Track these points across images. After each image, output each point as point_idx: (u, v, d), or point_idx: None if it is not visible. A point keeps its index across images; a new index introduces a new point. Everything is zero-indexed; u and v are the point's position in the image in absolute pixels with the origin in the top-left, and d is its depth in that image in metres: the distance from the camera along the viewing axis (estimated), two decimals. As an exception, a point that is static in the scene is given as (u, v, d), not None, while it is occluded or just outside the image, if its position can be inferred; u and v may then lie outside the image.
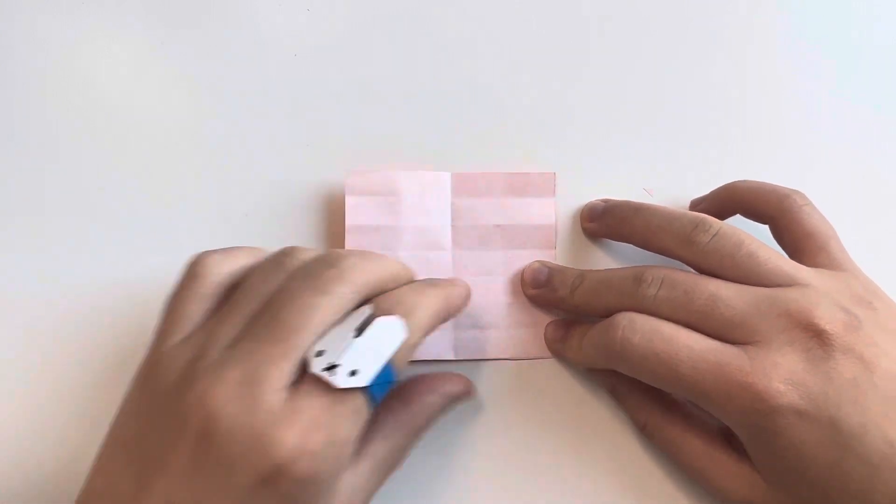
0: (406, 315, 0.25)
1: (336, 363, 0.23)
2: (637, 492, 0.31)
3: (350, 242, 0.32)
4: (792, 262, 0.28)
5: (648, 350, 0.27)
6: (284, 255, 0.26)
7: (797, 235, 0.29)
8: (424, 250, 0.33)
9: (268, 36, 0.35)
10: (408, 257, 0.32)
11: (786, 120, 0.35)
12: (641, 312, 0.28)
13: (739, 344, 0.26)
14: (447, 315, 0.27)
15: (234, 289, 0.26)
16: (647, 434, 0.31)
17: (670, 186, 0.34)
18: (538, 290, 0.32)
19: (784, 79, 0.35)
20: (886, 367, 0.26)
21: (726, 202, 0.32)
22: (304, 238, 0.33)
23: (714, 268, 0.28)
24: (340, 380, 0.23)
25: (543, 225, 0.33)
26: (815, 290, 0.27)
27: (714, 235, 0.28)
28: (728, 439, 0.29)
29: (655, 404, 0.30)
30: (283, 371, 0.23)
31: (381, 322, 0.24)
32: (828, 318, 0.26)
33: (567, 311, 0.32)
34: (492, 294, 0.33)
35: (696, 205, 0.33)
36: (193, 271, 0.26)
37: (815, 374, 0.25)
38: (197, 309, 0.26)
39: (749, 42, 0.36)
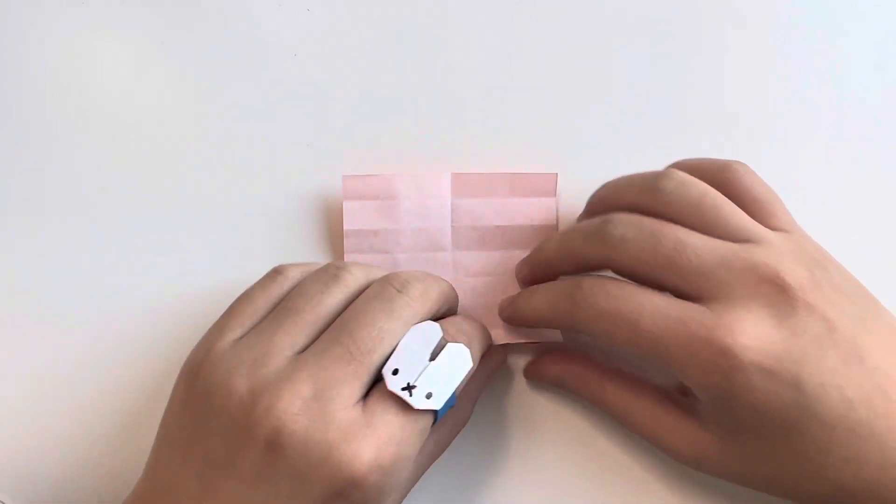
0: (470, 343, 0.26)
1: (413, 384, 0.24)
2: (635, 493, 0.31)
3: (348, 247, 0.32)
4: (754, 221, 0.27)
5: (611, 306, 0.26)
6: (341, 269, 0.27)
7: (744, 203, 0.28)
8: (424, 252, 0.33)
9: (268, 36, 0.35)
10: (407, 259, 0.32)
11: (788, 120, 0.35)
12: (608, 256, 0.27)
13: (703, 300, 0.25)
14: (486, 348, 0.29)
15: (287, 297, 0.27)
16: (595, 403, 0.30)
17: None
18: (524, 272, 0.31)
19: (787, 79, 0.35)
20: (844, 327, 0.25)
21: None
22: (304, 238, 0.33)
23: (678, 215, 0.27)
24: (418, 401, 0.24)
25: (544, 226, 0.33)
26: (778, 249, 0.26)
27: (679, 183, 0.27)
28: (674, 399, 0.28)
29: (599, 376, 0.29)
30: (354, 389, 0.24)
31: (452, 349, 0.25)
32: (793, 274, 0.25)
33: (543, 273, 0.31)
34: (492, 295, 0.33)
35: None
36: (273, 274, 0.28)
37: (781, 331, 0.25)
38: (265, 309, 0.26)
39: (751, 42, 0.35)
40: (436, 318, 0.27)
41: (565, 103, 0.34)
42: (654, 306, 0.26)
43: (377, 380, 0.25)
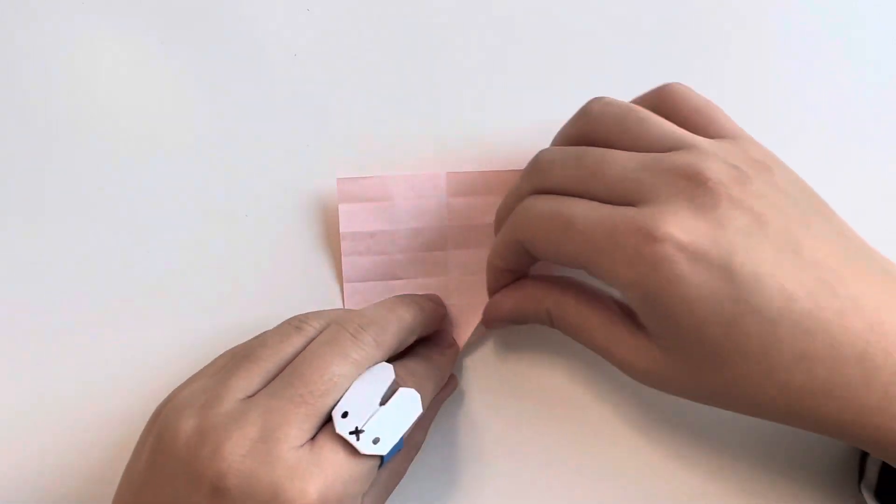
0: (419, 387, 0.26)
1: (362, 429, 0.24)
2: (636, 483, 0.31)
3: (345, 249, 0.32)
4: (683, 130, 0.27)
5: (547, 210, 0.26)
6: (303, 321, 0.27)
7: (683, 115, 0.28)
8: (421, 251, 0.32)
9: (268, 36, 0.35)
10: (404, 259, 0.32)
11: (787, 120, 0.34)
12: (540, 181, 0.28)
13: (629, 204, 0.25)
14: (440, 388, 0.29)
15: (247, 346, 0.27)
16: (552, 323, 0.29)
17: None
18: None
19: (786, 78, 0.35)
20: (778, 222, 0.24)
21: None
22: (304, 239, 0.33)
23: (604, 134, 0.27)
24: (365, 446, 0.24)
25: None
26: (705, 151, 0.25)
27: (604, 104, 0.28)
28: (626, 314, 0.27)
29: (554, 294, 0.29)
30: (303, 431, 0.24)
31: (403, 394, 0.26)
32: (715, 170, 0.24)
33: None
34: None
35: None
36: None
37: (705, 221, 0.24)
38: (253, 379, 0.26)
39: (750, 41, 0.35)
40: (396, 353, 0.27)
41: (561, 102, 0.34)
42: (584, 209, 0.26)
43: (327, 420, 0.25)
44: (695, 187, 0.24)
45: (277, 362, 0.26)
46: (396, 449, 0.25)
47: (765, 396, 0.24)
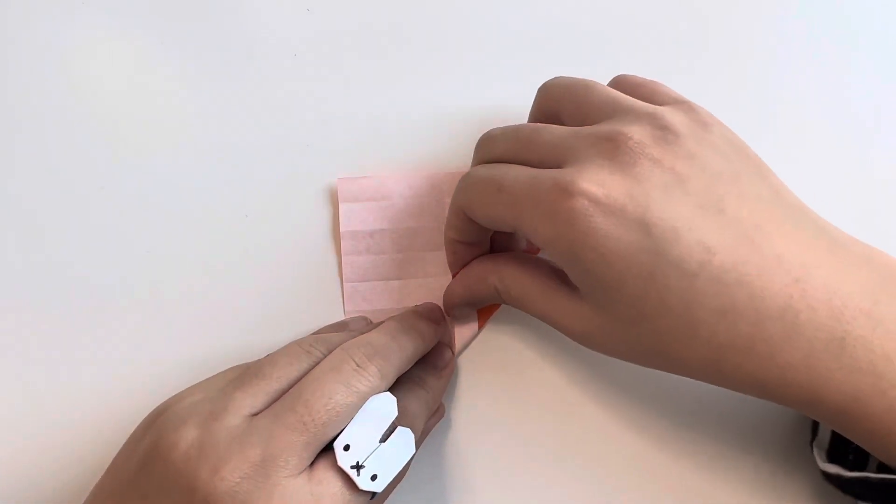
0: (411, 424, 0.27)
1: (362, 464, 0.25)
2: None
3: (345, 248, 0.32)
4: (628, 97, 0.27)
5: (482, 175, 0.27)
6: (311, 344, 0.27)
7: (626, 90, 0.28)
8: (420, 251, 0.32)
9: (268, 36, 0.35)
10: (403, 259, 0.32)
11: (787, 119, 0.34)
12: (484, 154, 0.29)
13: (557, 167, 0.26)
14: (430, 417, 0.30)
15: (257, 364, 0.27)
16: (501, 298, 0.29)
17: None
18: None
19: (786, 78, 0.35)
20: (700, 181, 0.24)
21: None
22: (305, 239, 0.33)
23: (556, 106, 0.29)
24: (364, 482, 0.24)
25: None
26: (636, 114, 0.26)
27: (558, 79, 0.29)
28: (563, 280, 0.27)
29: (498, 269, 0.29)
30: (302, 459, 0.24)
31: (401, 433, 0.26)
32: (636, 130, 0.25)
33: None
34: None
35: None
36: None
37: (622, 176, 0.24)
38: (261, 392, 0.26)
39: (750, 40, 0.35)
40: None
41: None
42: (514, 173, 0.26)
43: (325, 447, 0.25)
44: (614, 147, 0.25)
45: (284, 382, 0.26)
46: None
47: (691, 353, 0.24)
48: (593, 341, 0.27)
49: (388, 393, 0.26)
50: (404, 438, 0.26)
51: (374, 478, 0.25)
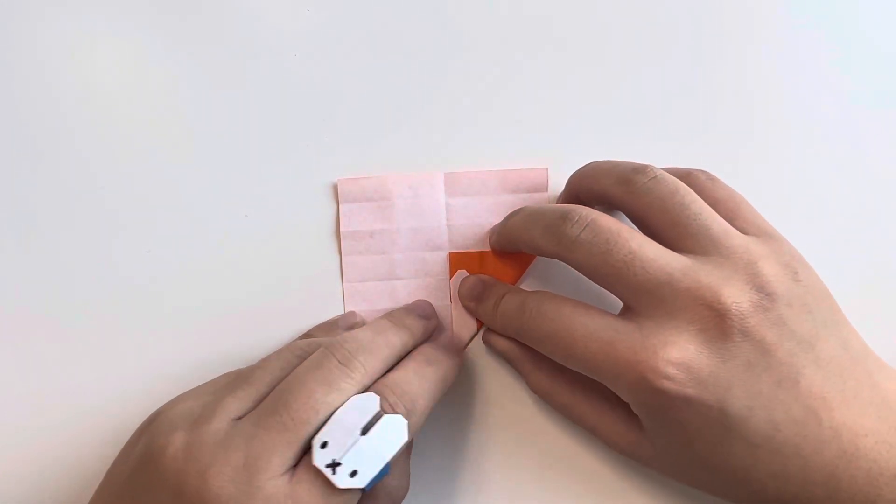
0: (412, 406, 0.26)
1: (339, 461, 0.24)
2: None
3: (345, 249, 0.32)
4: (723, 224, 0.27)
5: (548, 329, 0.27)
6: (303, 349, 0.27)
7: (724, 206, 0.28)
8: (420, 251, 0.32)
9: (268, 36, 0.35)
10: (404, 259, 0.32)
11: (786, 119, 0.34)
12: (562, 254, 0.28)
13: (642, 316, 0.26)
14: (443, 395, 0.28)
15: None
16: (541, 398, 0.30)
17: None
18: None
19: (785, 77, 0.34)
20: (787, 350, 0.25)
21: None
22: (305, 239, 0.33)
23: (644, 208, 0.27)
24: (341, 480, 0.24)
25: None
26: (734, 264, 0.26)
27: (652, 178, 0.28)
28: (619, 403, 0.28)
29: (544, 371, 0.30)
30: (285, 459, 0.24)
31: (386, 421, 0.25)
32: (735, 297, 0.25)
33: (508, 246, 0.31)
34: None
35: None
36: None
37: (708, 357, 0.25)
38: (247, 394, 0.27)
39: (750, 40, 0.35)
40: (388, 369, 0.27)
41: (556, 101, 0.34)
42: (585, 329, 0.26)
43: (309, 447, 0.24)
44: (710, 318, 0.25)
45: (271, 385, 0.26)
46: (380, 476, 0.25)
47: (742, 498, 0.26)
48: (639, 459, 0.28)
49: (371, 392, 0.25)
50: (393, 426, 0.25)
51: (353, 474, 0.24)
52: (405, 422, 0.25)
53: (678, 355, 0.25)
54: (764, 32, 0.35)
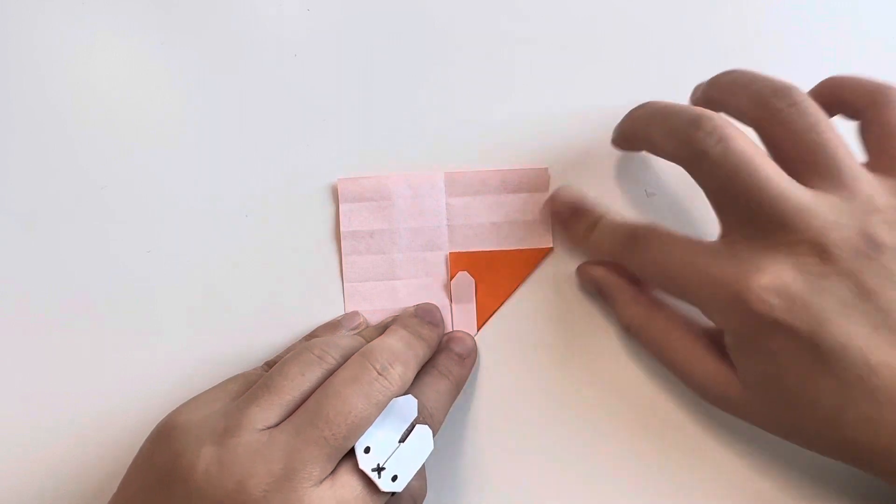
0: (430, 418, 0.27)
1: (383, 466, 0.25)
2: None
3: (346, 248, 0.32)
4: (855, 166, 0.26)
5: (655, 258, 0.28)
6: (323, 350, 0.27)
7: (881, 133, 0.27)
8: (421, 251, 0.32)
9: (268, 36, 0.35)
10: (404, 259, 0.32)
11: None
12: (685, 158, 0.27)
13: (750, 237, 0.26)
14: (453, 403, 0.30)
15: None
16: (632, 333, 0.30)
17: (665, 182, 0.33)
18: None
19: (786, 77, 0.34)
20: (888, 298, 0.24)
21: (820, 96, 0.28)
22: (305, 239, 0.33)
23: (778, 137, 0.26)
24: (385, 484, 0.25)
25: (539, 220, 0.33)
26: (851, 208, 0.25)
27: (792, 105, 0.26)
28: (711, 339, 0.28)
29: (640, 305, 0.30)
30: (325, 469, 0.24)
31: (420, 431, 0.27)
32: (839, 240, 0.25)
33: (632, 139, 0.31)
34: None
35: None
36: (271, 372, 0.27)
37: (803, 286, 0.25)
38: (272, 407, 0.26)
39: (749, 40, 0.35)
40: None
41: (556, 101, 0.34)
42: (683, 252, 0.27)
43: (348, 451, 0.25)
44: (810, 253, 0.25)
45: (296, 395, 0.26)
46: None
47: (832, 447, 0.25)
48: (731, 407, 0.28)
49: (410, 395, 0.27)
50: (423, 436, 0.26)
51: (394, 478, 0.25)
52: (431, 433, 0.27)
53: (772, 279, 0.25)
54: (764, 33, 0.35)
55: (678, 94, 0.34)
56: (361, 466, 0.25)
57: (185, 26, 0.35)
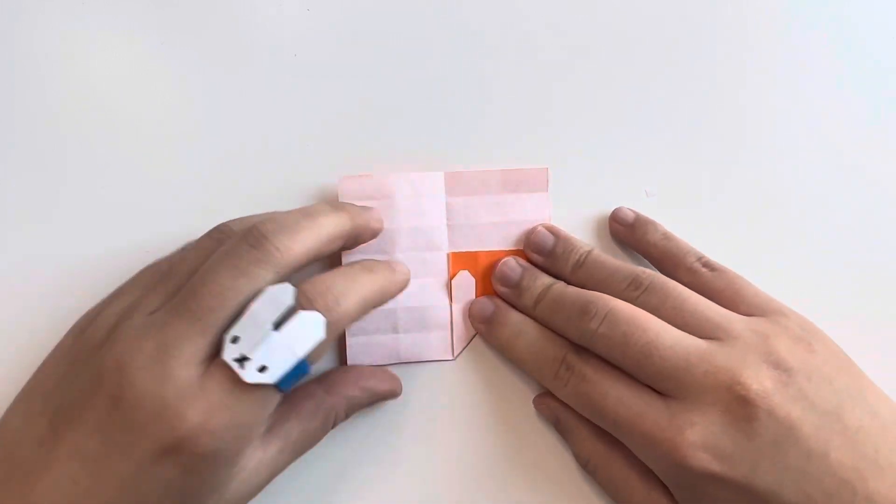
0: (334, 304, 0.25)
1: (248, 356, 0.23)
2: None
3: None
4: (722, 312, 0.28)
5: (582, 390, 0.28)
6: (221, 231, 0.27)
7: (707, 296, 0.29)
8: (421, 251, 0.32)
9: (268, 36, 0.35)
10: (404, 259, 0.32)
11: (786, 119, 0.34)
12: (584, 343, 0.29)
13: (666, 397, 0.27)
14: (379, 303, 0.28)
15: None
16: (588, 471, 0.30)
17: (665, 182, 0.33)
18: (507, 289, 0.32)
19: (785, 77, 0.34)
20: (813, 423, 0.26)
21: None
22: (304, 238, 0.33)
23: (650, 312, 0.28)
24: (249, 375, 0.23)
25: (539, 220, 0.33)
26: (745, 345, 0.27)
27: (644, 291, 0.29)
28: (666, 490, 0.29)
29: (599, 442, 0.30)
30: (197, 347, 0.24)
31: (301, 317, 0.24)
32: (754, 377, 0.26)
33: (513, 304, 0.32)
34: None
35: None
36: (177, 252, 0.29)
37: (734, 436, 0.26)
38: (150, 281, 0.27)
39: (749, 40, 0.35)
40: (313, 262, 0.26)
41: (556, 101, 0.34)
42: (618, 396, 0.28)
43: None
44: (732, 400, 0.26)
45: (185, 278, 0.26)
46: (294, 377, 0.24)
47: None
48: None
49: (286, 283, 0.24)
50: (307, 323, 0.24)
51: (262, 369, 0.23)
52: (323, 319, 0.24)
53: (703, 434, 0.26)
54: (765, 33, 0.35)
55: (678, 94, 0.34)
56: (223, 356, 0.23)
57: (185, 26, 0.35)
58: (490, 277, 0.32)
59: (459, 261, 0.33)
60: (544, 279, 0.31)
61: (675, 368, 0.27)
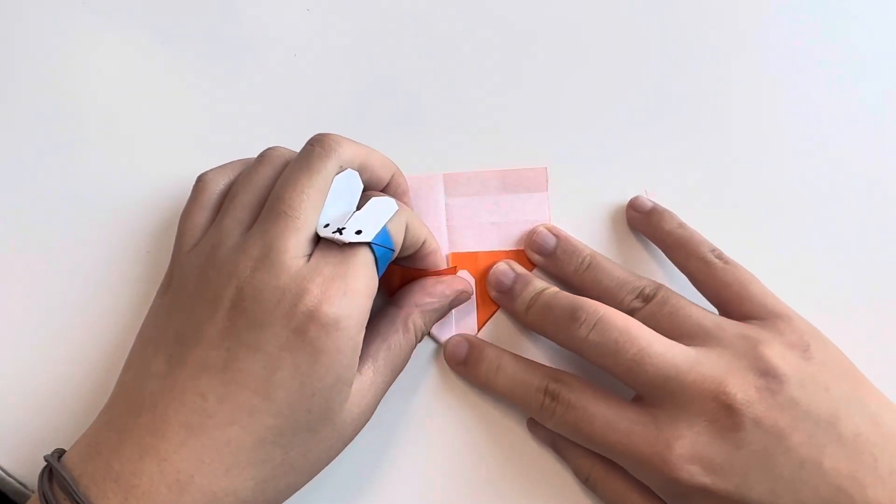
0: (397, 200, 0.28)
1: (342, 227, 0.26)
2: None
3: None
4: (714, 318, 0.28)
5: (569, 418, 0.28)
6: (265, 155, 0.29)
7: (713, 288, 0.30)
8: (420, 251, 0.32)
9: (268, 36, 0.35)
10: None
11: (785, 118, 0.34)
12: (573, 349, 0.29)
13: (655, 407, 0.27)
14: (419, 241, 0.30)
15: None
16: (589, 486, 0.30)
17: (665, 182, 0.33)
18: (500, 294, 0.32)
19: (784, 77, 0.34)
20: (804, 431, 0.25)
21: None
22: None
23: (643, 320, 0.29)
24: (349, 236, 0.26)
25: (538, 220, 0.33)
26: (734, 352, 0.27)
27: (644, 297, 0.29)
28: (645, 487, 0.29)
29: (597, 458, 0.30)
30: (299, 242, 0.26)
31: (376, 199, 0.28)
32: (739, 387, 0.26)
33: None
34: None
35: None
36: (196, 188, 0.30)
37: (721, 446, 0.26)
38: (203, 218, 0.29)
39: (749, 40, 0.35)
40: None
41: (556, 101, 0.34)
42: (604, 419, 0.28)
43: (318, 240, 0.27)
44: (717, 410, 0.26)
45: (256, 192, 0.28)
46: (385, 247, 0.27)
47: None
48: None
49: (350, 169, 0.28)
50: (382, 202, 0.28)
51: (358, 232, 0.26)
52: (392, 200, 0.28)
53: (691, 446, 0.26)
54: (765, 33, 0.35)
55: (678, 94, 0.34)
56: (321, 234, 0.26)
57: (184, 26, 0.35)
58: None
59: (459, 261, 0.33)
60: (536, 284, 0.31)
61: (665, 377, 0.27)
